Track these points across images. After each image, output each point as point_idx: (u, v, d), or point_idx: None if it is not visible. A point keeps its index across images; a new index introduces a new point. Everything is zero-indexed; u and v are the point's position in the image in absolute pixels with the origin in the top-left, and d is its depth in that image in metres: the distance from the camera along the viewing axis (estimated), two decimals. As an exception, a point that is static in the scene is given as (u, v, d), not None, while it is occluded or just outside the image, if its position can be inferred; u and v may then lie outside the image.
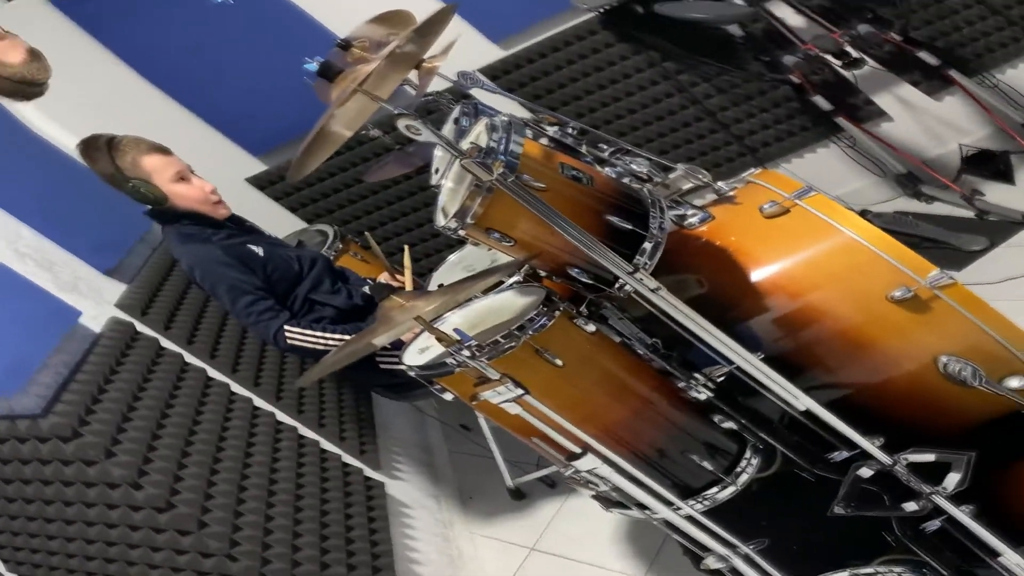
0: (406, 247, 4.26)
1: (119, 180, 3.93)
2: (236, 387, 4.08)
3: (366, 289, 4.04)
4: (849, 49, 4.46)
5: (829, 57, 4.45)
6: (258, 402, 4.05)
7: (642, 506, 2.72)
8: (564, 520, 4.22)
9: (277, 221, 5.65)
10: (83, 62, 5.28)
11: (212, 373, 4.03)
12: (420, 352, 2.86)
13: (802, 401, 2.53)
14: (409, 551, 3.92)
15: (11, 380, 3.19)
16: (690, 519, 2.70)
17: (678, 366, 2.74)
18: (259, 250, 4.05)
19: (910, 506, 2.58)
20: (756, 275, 2.75)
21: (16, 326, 3.41)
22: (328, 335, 3.89)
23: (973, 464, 2.54)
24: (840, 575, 2.87)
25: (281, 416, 4.07)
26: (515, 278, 2.98)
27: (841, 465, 2.71)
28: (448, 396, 2.71)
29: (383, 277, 4.34)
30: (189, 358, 4.01)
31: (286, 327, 3.84)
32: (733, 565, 2.83)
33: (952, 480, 2.51)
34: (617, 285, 2.55)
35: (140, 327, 3.96)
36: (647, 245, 2.58)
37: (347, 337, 3.85)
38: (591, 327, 2.66)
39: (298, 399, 4.40)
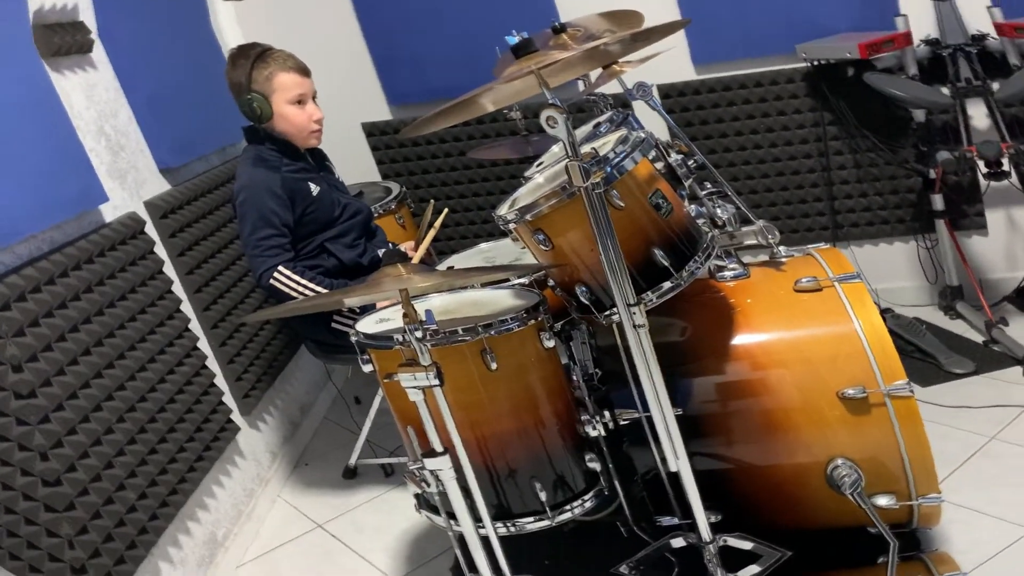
0: (444, 210, 3.72)
1: (240, 90, 3.40)
2: (186, 305, 3.46)
3: (380, 252, 3.49)
4: (1004, 161, 3.90)
5: (981, 164, 3.96)
6: (193, 324, 3.47)
7: (452, 516, 2.23)
8: (369, 509, 3.60)
9: (358, 167, 4.94)
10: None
11: (175, 287, 3.41)
12: (377, 322, 2.57)
13: (680, 463, 2.16)
14: (208, 495, 3.36)
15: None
16: (485, 539, 2.20)
17: (595, 401, 2.45)
18: (315, 188, 3.49)
19: (692, 584, 2.32)
20: (738, 339, 2.50)
21: (37, 194, 2.74)
22: (314, 285, 3.30)
23: (782, 563, 2.28)
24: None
25: (202, 343, 3.50)
26: (521, 280, 2.65)
27: (663, 530, 2.45)
28: (368, 368, 2.39)
29: (405, 246, 3.77)
30: (167, 267, 3.39)
31: (280, 267, 3.28)
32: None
33: (748, 572, 2.27)
34: (607, 313, 2.31)
35: (149, 228, 3.33)
36: (667, 284, 2.29)
37: (322, 291, 3.31)
38: (550, 343, 2.36)
39: (230, 333, 3.72)
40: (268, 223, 3.31)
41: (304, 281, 3.28)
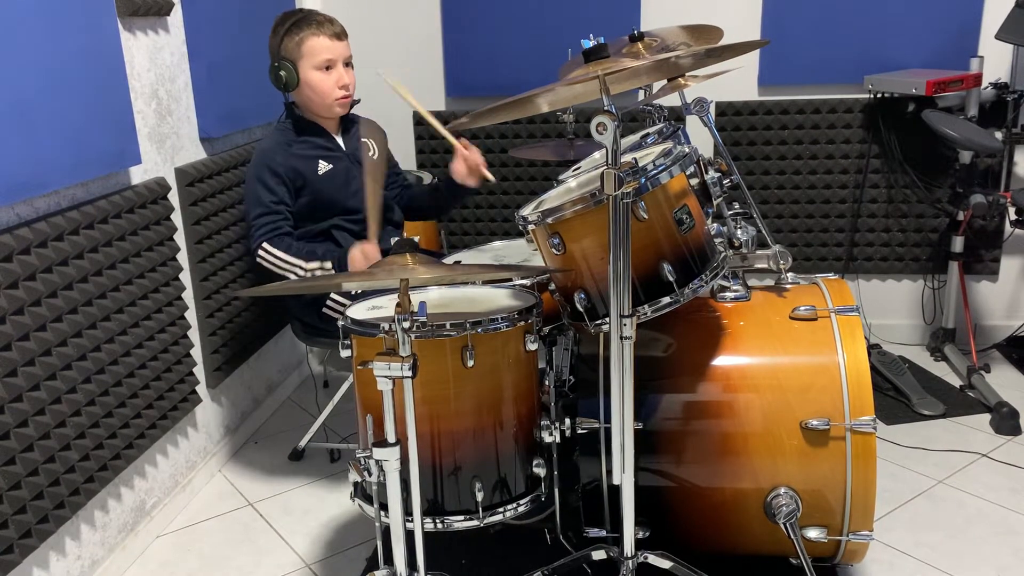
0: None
1: (272, 57, 3.01)
2: (185, 275, 3.06)
3: (393, 240, 3.25)
4: (1036, 210, 3.67)
5: (1012, 210, 3.72)
6: (187, 294, 3.09)
7: (384, 507, 1.97)
8: (304, 492, 3.22)
9: (396, 155, 4.00)
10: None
11: (180, 256, 3.03)
12: (369, 309, 2.35)
13: (624, 477, 1.97)
14: (150, 463, 2.96)
15: (19, 192, 2.22)
16: (409, 534, 1.92)
17: (560, 408, 2.28)
18: (325, 167, 3.05)
19: (602, 597, 2.18)
20: (718, 360, 2.33)
21: (71, 150, 2.40)
22: (296, 260, 2.89)
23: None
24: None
25: (190, 313, 3.13)
26: (523, 281, 2.44)
27: (588, 541, 2.30)
28: (345, 353, 2.18)
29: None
30: (178, 235, 3.02)
31: (264, 244, 2.90)
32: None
33: (658, 592, 2.13)
34: (598, 322, 2.15)
35: (172, 195, 2.98)
36: (665, 300, 2.10)
37: (303, 263, 2.89)
38: (534, 346, 2.19)
39: (220, 306, 3.30)
40: (259, 202, 2.95)
41: (286, 256, 2.90)
